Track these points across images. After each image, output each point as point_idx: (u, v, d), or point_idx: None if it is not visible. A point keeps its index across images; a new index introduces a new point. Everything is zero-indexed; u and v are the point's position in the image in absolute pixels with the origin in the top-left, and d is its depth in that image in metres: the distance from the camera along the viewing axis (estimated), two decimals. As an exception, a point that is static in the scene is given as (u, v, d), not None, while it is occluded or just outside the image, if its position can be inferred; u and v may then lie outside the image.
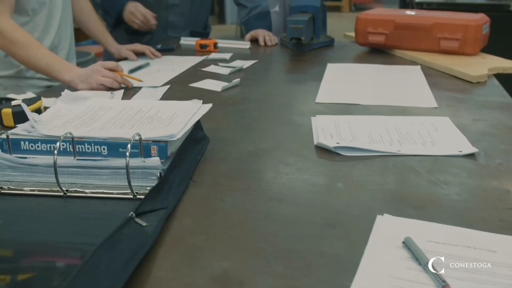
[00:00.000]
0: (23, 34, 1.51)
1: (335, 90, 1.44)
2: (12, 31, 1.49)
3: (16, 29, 1.51)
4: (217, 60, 1.85)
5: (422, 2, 3.69)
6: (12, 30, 1.50)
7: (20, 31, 1.51)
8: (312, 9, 2.01)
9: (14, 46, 1.50)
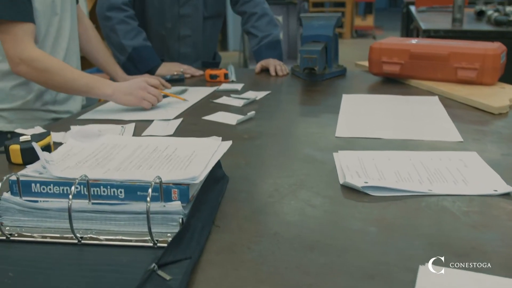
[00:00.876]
0: (54, 60, 1.50)
1: (354, 123, 1.39)
2: (44, 59, 1.48)
3: (46, 56, 1.50)
4: (229, 91, 1.81)
5: (429, 30, 3.67)
6: (43, 58, 1.49)
7: (50, 57, 1.50)
8: (324, 38, 1.97)
9: (48, 73, 1.49)
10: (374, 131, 1.32)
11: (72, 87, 1.50)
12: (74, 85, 1.50)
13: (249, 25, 2.30)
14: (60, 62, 1.50)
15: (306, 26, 2.02)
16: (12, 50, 1.48)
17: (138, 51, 2.10)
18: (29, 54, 1.47)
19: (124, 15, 2.09)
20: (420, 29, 3.99)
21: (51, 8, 1.60)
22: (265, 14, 2.28)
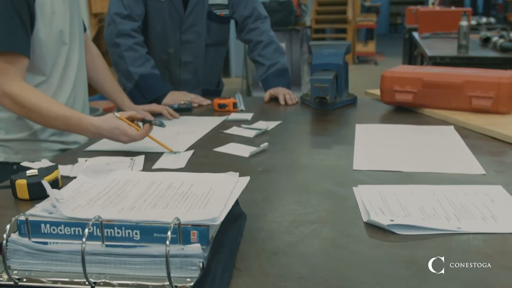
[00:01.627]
0: (34, 95, 1.44)
1: (372, 155, 1.35)
2: (24, 94, 1.42)
3: (28, 91, 1.44)
4: (239, 121, 1.77)
5: (435, 56, 3.66)
6: (24, 93, 1.43)
7: (31, 92, 1.44)
8: (335, 67, 1.94)
9: (26, 109, 1.43)
10: (393, 164, 1.27)
11: (52, 123, 1.45)
12: (51, 122, 1.44)
13: (255, 53, 2.27)
14: (40, 98, 1.44)
15: (315, 54, 1.99)
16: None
17: (145, 78, 2.07)
18: (10, 88, 1.42)
19: (132, 42, 2.07)
20: (426, 56, 3.98)
21: (59, 38, 1.57)
22: (272, 42, 2.26)
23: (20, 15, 1.42)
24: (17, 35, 1.42)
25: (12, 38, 1.41)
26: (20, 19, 1.43)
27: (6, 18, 1.40)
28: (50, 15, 1.52)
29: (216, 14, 2.21)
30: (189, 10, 2.15)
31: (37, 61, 1.52)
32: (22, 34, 1.44)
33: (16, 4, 1.41)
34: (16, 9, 1.41)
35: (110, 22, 2.10)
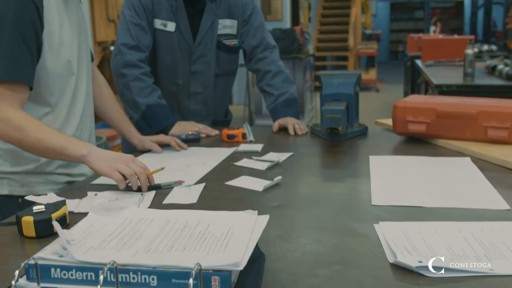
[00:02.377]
0: (29, 120, 1.39)
1: (389, 189, 1.31)
2: (18, 118, 1.37)
3: (22, 116, 1.39)
4: (249, 153, 1.73)
5: (441, 85, 3.65)
6: (19, 117, 1.38)
7: (26, 118, 1.39)
8: (345, 96, 1.91)
9: (20, 132, 1.37)
10: (413, 199, 1.23)
11: (46, 147, 1.38)
12: (47, 145, 1.37)
13: (264, 83, 2.25)
14: (36, 122, 1.40)
15: (326, 84, 1.96)
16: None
17: (152, 109, 2.04)
18: (6, 114, 1.38)
19: (139, 72, 2.04)
20: (431, 84, 3.96)
21: (67, 68, 1.54)
22: (280, 72, 2.24)
23: (27, 43, 1.40)
24: (22, 64, 1.39)
25: (17, 67, 1.38)
26: (27, 47, 1.40)
27: (12, 45, 1.38)
28: (58, 45, 1.49)
29: (225, 44, 2.19)
30: (198, 41, 2.13)
31: (43, 92, 1.49)
32: (28, 63, 1.41)
33: (24, 32, 1.39)
34: (24, 37, 1.39)
35: (117, 53, 2.08)
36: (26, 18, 1.39)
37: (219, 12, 2.17)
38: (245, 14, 2.21)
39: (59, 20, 1.51)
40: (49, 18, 1.47)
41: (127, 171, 1.34)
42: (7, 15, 1.37)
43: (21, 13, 1.38)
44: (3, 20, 1.37)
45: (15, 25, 1.38)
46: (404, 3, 19.34)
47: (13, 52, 1.38)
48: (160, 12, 2.10)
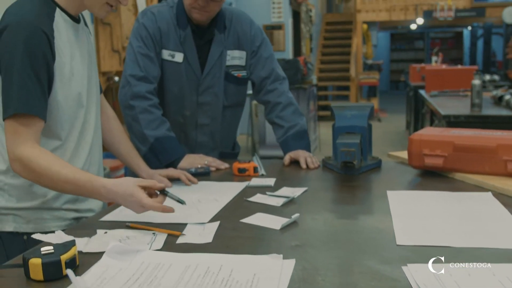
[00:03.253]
0: (45, 159, 1.35)
1: (413, 227, 1.25)
2: (34, 159, 1.34)
3: (38, 156, 1.35)
4: (262, 188, 1.68)
5: (449, 115, 3.62)
6: (34, 157, 1.35)
7: (42, 156, 1.36)
8: (359, 129, 1.87)
9: (36, 174, 1.35)
10: (440, 238, 1.17)
11: (62, 187, 1.37)
12: (62, 188, 1.37)
13: (273, 115, 2.20)
14: (50, 160, 1.36)
15: (338, 116, 1.92)
16: (9, 144, 1.37)
17: (161, 141, 1.99)
18: (21, 152, 1.35)
19: (148, 104, 2.00)
20: (438, 114, 3.93)
21: (77, 101, 1.50)
22: (290, 104, 2.19)
23: (38, 76, 1.36)
24: (34, 97, 1.36)
25: (29, 100, 1.35)
26: (38, 80, 1.37)
27: (24, 79, 1.34)
28: (69, 77, 1.46)
29: (233, 75, 2.15)
30: (207, 72, 2.10)
31: (53, 125, 1.45)
32: (39, 96, 1.37)
33: (35, 65, 1.36)
34: (35, 69, 1.36)
35: (125, 84, 2.05)
36: (37, 49, 1.36)
37: (228, 43, 2.14)
38: (254, 45, 2.19)
39: (70, 51, 1.48)
40: (60, 49, 1.44)
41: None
42: (18, 47, 1.34)
43: (33, 45, 1.35)
44: (14, 52, 1.34)
45: (27, 57, 1.34)
46: (403, 33, 19.51)
47: (25, 85, 1.34)
48: (168, 42, 2.08)
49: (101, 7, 1.49)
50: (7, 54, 1.35)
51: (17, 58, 1.34)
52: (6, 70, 1.35)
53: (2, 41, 1.36)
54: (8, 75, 1.35)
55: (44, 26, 1.38)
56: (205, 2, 1.95)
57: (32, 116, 1.36)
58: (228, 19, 2.15)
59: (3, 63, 1.36)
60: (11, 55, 1.34)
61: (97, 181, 1.35)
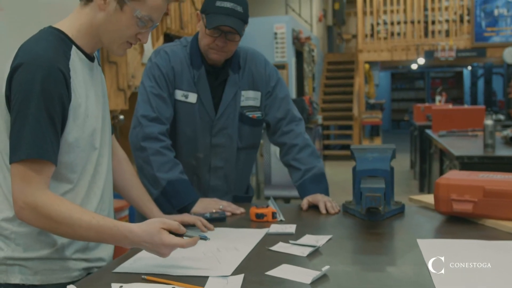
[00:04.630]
0: (62, 205, 1.28)
1: (454, 280, 1.16)
2: (49, 205, 1.27)
3: (54, 201, 1.28)
4: (283, 235, 1.58)
5: (462, 156, 3.54)
6: (50, 203, 1.27)
7: (58, 202, 1.28)
8: (381, 173, 1.79)
9: (53, 222, 1.27)
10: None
11: (81, 236, 1.31)
12: (83, 235, 1.30)
13: (290, 157, 2.12)
14: (69, 207, 1.29)
15: (360, 159, 1.84)
16: (17, 191, 1.27)
17: (173, 185, 1.91)
18: (35, 199, 1.26)
19: (160, 146, 1.93)
20: (450, 155, 3.86)
21: (90, 143, 1.43)
22: (307, 145, 2.12)
23: (52, 119, 1.29)
24: (47, 141, 1.28)
25: (40, 144, 1.27)
26: (52, 123, 1.29)
27: (38, 121, 1.27)
28: (83, 118, 1.39)
29: (248, 116, 2.09)
30: (221, 112, 2.03)
31: (64, 168, 1.37)
32: (53, 140, 1.29)
33: (51, 107, 1.28)
34: (50, 112, 1.28)
35: (136, 125, 1.98)
36: (54, 90, 1.29)
37: (242, 83, 2.08)
38: (269, 86, 2.13)
39: (85, 91, 1.41)
40: (76, 90, 1.37)
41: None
42: (34, 87, 1.27)
43: (49, 85, 1.28)
44: (29, 92, 1.27)
45: (42, 98, 1.27)
46: (404, 73, 19.64)
47: (38, 129, 1.27)
48: (181, 82, 2.02)
49: (120, 45, 1.44)
50: (21, 93, 1.27)
51: (32, 99, 1.26)
52: (19, 110, 1.27)
53: (16, 79, 1.28)
54: (21, 117, 1.27)
55: (61, 65, 1.32)
56: (223, 42, 1.90)
57: (44, 161, 1.28)
58: (242, 59, 2.10)
59: (16, 102, 1.28)
60: (26, 95, 1.27)
61: (123, 226, 1.29)
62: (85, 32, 1.41)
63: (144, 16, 1.38)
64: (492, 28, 11.07)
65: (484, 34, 11.10)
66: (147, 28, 1.42)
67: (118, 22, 1.38)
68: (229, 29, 1.88)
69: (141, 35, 1.43)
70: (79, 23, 1.41)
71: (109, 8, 1.37)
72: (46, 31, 1.39)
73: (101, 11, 1.38)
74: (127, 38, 1.42)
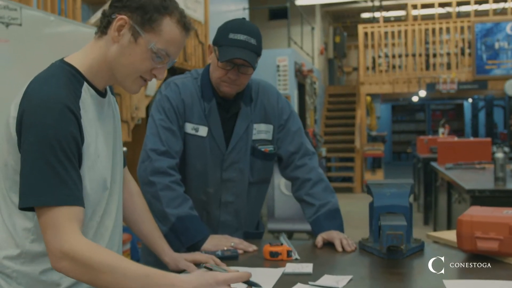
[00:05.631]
0: (102, 253, 1.19)
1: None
2: (88, 253, 1.17)
3: (92, 248, 1.19)
4: (301, 275, 1.51)
5: (473, 190, 3.48)
6: (88, 250, 1.18)
7: (97, 250, 1.20)
8: (400, 209, 1.72)
9: (94, 271, 1.17)
10: None
11: (124, 287, 1.18)
12: (126, 286, 1.17)
13: (302, 192, 2.05)
14: (109, 256, 1.20)
15: (377, 195, 1.78)
16: (52, 241, 1.19)
17: (183, 221, 1.84)
18: (70, 246, 1.17)
19: (169, 180, 1.86)
20: (460, 188, 3.80)
21: (101, 184, 1.35)
22: (321, 180, 2.05)
23: (70, 159, 1.22)
24: (70, 185, 1.21)
25: (65, 189, 1.20)
26: (71, 163, 1.22)
27: (56, 166, 1.19)
28: (94, 159, 1.32)
29: (260, 150, 2.03)
30: (232, 146, 1.98)
31: None
32: (75, 182, 1.22)
33: (66, 148, 1.21)
34: (67, 154, 1.21)
35: (145, 159, 1.92)
36: (67, 132, 1.22)
37: (254, 116, 2.03)
38: (282, 119, 2.07)
39: (95, 129, 1.35)
40: (86, 129, 1.30)
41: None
42: (45, 130, 1.19)
43: (62, 128, 1.21)
44: (41, 136, 1.19)
45: (57, 141, 1.20)
46: (405, 105, 19.68)
47: (58, 174, 1.19)
48: (192, 115, 1.96)
49: (134, 80, 1.36)
50: (32, 137, 1.20)
51: (47, 142, 1.19)
52: (32, 155, 1.20)
53: (25, 122, 1.21)
54: (35, 162, 1.19)
55: (72, 104, 1.25)
56: (236, 75, 1.85)
57: (71, 205, 1.21)
58: (254, 91, 2.05)
59: (27, 146, 1.20)
60: (38, 138, 1.19)
61: (170, 274, 1.21)
62: (98, 67, 1.35)
63: (160, 50, 1.32)
64: (493, 61, 11.12)
65: (485, 67, 11.14)
66: (163, 63, 1.35)
67: (132, 56, 1.32)
68: (242, 62, 1.83)
69: (157, 71, 1.36)
70: (92, 57, 1.35)
71: (123, 40, 1.31)
72: (57, 67, 1.32)
73: (114, 44, 1.32)
74: (141, 73, 1.35)
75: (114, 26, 1.31)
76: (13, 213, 1.29)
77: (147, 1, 1.29)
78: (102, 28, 1.34)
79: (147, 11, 1.29)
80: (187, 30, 1.36)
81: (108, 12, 1.33)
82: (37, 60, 3.36)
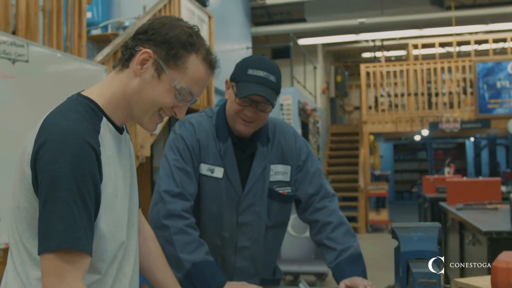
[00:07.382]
0: None
1: None
2: None
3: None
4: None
5: (491, 231, 3.37)
6: None
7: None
8: (429, 255, 1.63)
9: None
10: None
11: None
12: None
13: (323, 236, 1.95)
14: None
15: (403, 240, 1.68)
16: (49, 287, 1.10)
17: (198, 267, 1.74)
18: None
19: (183, 224, 1.77)
20: (475, 229, 3.69)
21: (120, 226, 1.27)
22: (342, 223, 1.96)
23: (85, 202, 1.13)
24: (79, 228, 1.12)
25: (73, 232, 1.10)
26: (85, 206, 1.13)
27: (67, 206, 1.11)
28: (112, 199, 1.23)
29: (278, 192, 1.95)
30: (248, 188, 1.90)
31: (94, 256, 1.19)
32: (85, 225, 1.13)
33: (82, 188, 1.12)
34: (82, 193, 1.12)
35: (158, 201, 1.83)
36: (85, 170, 1.13)
37: (271, 157, 1.96)
38: (300, 159, 2.00)
39: (114, 167, 1.27)
40: (105, 167, 1.22)
41: None
42: (64, 167, 1.11)
43: (80, 164, 1.13)
44: (59, 174, 1.11)
45: (73, 179, 1.11)
46: (406, 144, 19.65)
47: (69, 214, 1.11)
48: (207, 156, 1.89)
49: (151, 116, 1.29)
50: (49, 173, 1.11)
51: (62, 180, 1.10)
52: (48, 194, 1.11)
53: (42, 158, 1.13)
54: (50, 201, 1.11)
55: (91, 140, 1.17)
56: (253, 112, 1.78)
57: (78, 251, 1.12)
58: (271, 131, 1.98)
59: (44, 184, 1.12)
60: (55, 176, 1.11)
61: None
62: (117, 102, 1.28)
63: (183, 88, 1.26)
64: (495, 100, 11.13)
65: (488, 106, 11.15)
66: (185, 101, 1.29)
67: (153, 91, 1.25)
68: (261, 99, 1.77)
69: (178, 109, 1.30)
70: (111, 91, 1.28)
71: (145, 74, 1.25)
72: (74, 101, 1.25)
73: (136, 77, 1.26)
74: (160, 108, 1.29)
75: (137, 59, 1.24)
76: (25, 262, 1.20)
77: (173, 36, 1.23)
78: (123, 61, 1.28)
79: (173, 46, 1.23)
80: (212, 68, 1.30)
81: (131, 45, 1.27)
82: (42, 97, 3.33)
